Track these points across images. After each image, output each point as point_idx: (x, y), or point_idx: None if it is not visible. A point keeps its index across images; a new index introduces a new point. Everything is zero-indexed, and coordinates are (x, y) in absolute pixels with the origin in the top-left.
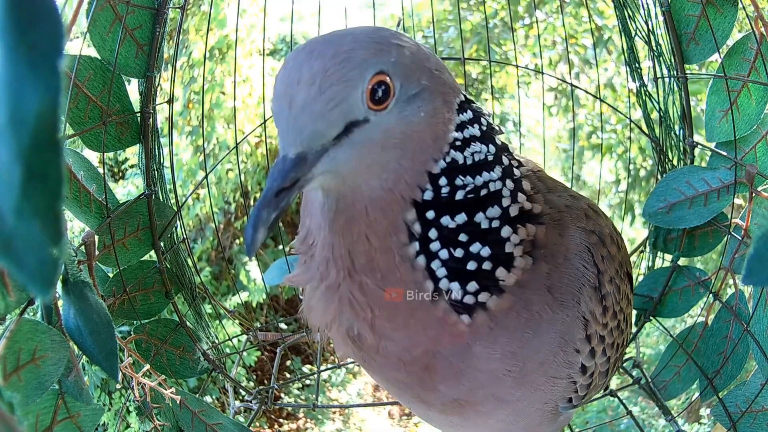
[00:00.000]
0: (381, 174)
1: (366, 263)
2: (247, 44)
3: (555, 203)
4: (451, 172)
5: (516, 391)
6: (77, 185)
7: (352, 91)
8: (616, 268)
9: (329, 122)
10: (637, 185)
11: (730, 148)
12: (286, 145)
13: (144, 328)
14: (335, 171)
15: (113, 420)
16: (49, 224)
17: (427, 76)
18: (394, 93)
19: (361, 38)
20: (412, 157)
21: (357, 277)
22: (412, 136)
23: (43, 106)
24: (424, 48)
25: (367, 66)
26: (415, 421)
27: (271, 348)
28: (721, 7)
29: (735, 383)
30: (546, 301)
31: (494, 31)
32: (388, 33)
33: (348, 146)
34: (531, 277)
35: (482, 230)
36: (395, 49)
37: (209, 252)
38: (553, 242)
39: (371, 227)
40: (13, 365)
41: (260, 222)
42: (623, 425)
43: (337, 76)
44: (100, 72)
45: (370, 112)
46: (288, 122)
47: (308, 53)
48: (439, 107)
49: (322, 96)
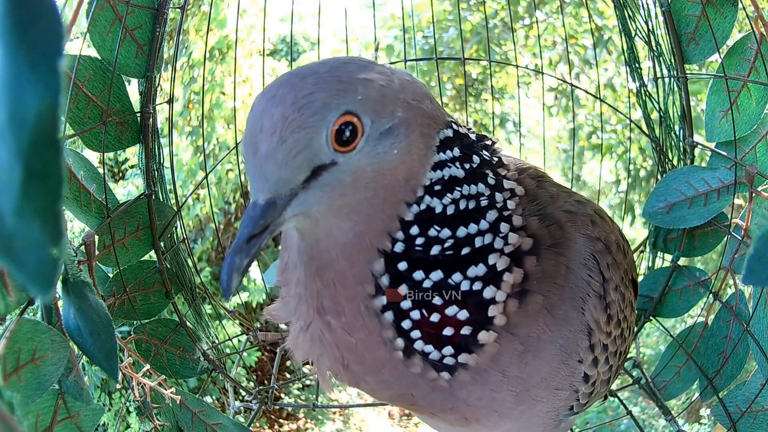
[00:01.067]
0: (352, 216)
1: (332, 306)
2: (247, 44)
3: (554, 217)
4: (426, 222)
5: (518, 406)
6: (77, 185)
7: (314, 137)
8: (622, 276)
9: (294, 169)
10: (637, 185)
11: (730, 148)
12: (255, 191)
13: (144, 328)
14: (306, 213)
15: (113, 420)
16: (49, 224)
17: (402, 108)
18: (363, 132)
19: (323, 78)
20: (384, 198)
21: (325, 317)
22: (385, 174)
23: (43, 106)
24: (400, 76)
25: (329, 109)
26: (416, 421)
27: (271, 348)
28: (721, 7)
29: (735, 383)
30: (546, 322)
31: (494, 31)
32: (355, 67)
33: (317, 189)
34: (521, 317)
35: (462, 292)
36: (361, 85)
37: (209, 252)
38: (549, 266)
39: (339, 275)
40: (13, 365)
41: (234, 268)
42: (623, 425)
43: (296, 123)
44: (100, 72)
45: (336, 154)
46: (255, 169)
47: (270, 99)
48: (414, 142)
49: (284, 145)
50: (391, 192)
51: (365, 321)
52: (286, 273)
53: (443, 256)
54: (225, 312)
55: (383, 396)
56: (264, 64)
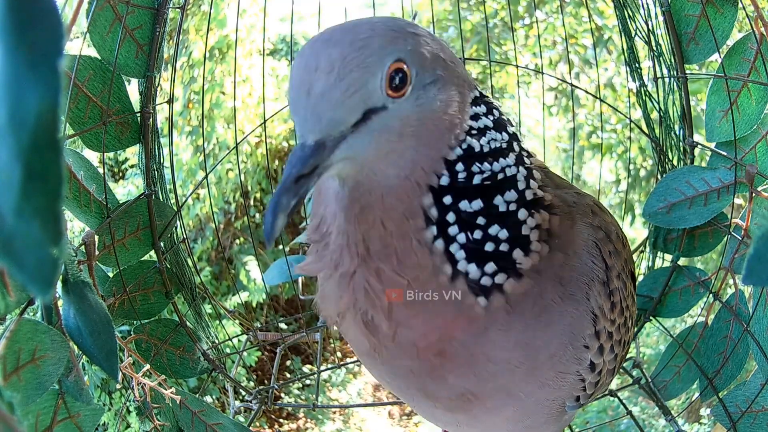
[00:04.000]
0: (398, 161)
1: (382, 249)
2: (247, 44)
3: (564, 198)
4: (468, 159)
5: (525, 385)
6: (77, 185)
7: (371, 78)
8: (622, 265)
9: (348, 109)
10: (637, 185)
11: (730, 148)
12: (304, 132)
13: (144, 328)
14: (353, 158)
15: (113, 420)
16: (49, 224)
17: (441, 67)
18: (410, 81)
19: (377, 26)
20: (428, 145)
21: (373, 263)
22: (428, 123)
23: (43, 106)
24: (438, 39)
25: (385, 53)
26: (415, 420)
27: (271, 348)
28: (721, 7)
29: (735, 383)
30: (558, 292)
31: (494, 31)
32: (404, 22)
33: (366, 133)
34: (546, 265)
35: (500, 213)
36: (411, 37)
37: (209, 252)
38: (565, 233)
39: (387, 213)
40: (13, 365)
41: (280, 208)
42: (623, 425)
43: (356, 62)
44: (100, 72)
45: (388, 99)
46: (306, 110)
47: (325, 41)
48: (453, 96)
49: (342, 82)
50: (436, 139)
51: (418, 256)
52: (322, 227)
53: (484, 184)
54: (225, 312)
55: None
56: (264, 64)
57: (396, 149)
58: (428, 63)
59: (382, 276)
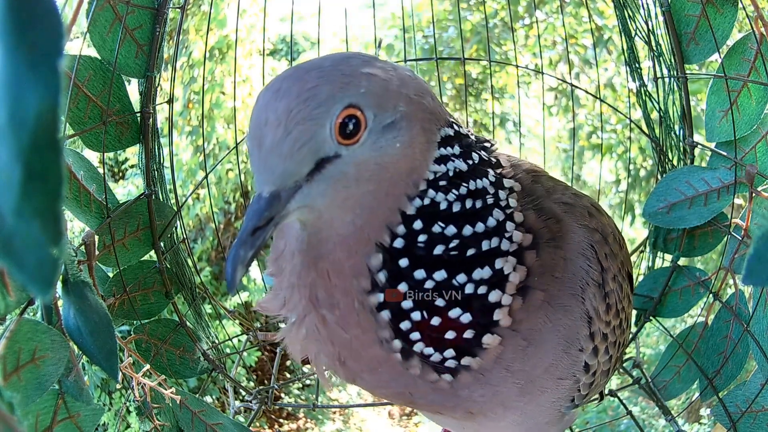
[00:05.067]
0: (354, 208)
1: (327, 298)
2: (247, 44)
3: (551, 210)
4: (430, 217)
5: (523, 397)
6: (77, 185)
7: (319, 129)
8: (618, 267)
9: (299, 161)
10: (637, 185)
11: (730, 148)
12: (260, 184)
13: (144, 328)
14: (310, 206)
15: (113, 420)
16: (49, 224)
17: (404, 102)
18: (366, 125)
19: (327, 72)
20: (387, 191)
21: (320, 310)
22: (388, 168)
23: (43, 106)
24: (401, 72)
25: (333, 102)
26: (415, 420)
27: (271, 348)
28: (721, 7)
29: (735, 383)
30: (546, 315)
31: (494, 31)
32: (358, 61)
33: (321, 181)
34: (524, 313)
35: (465, 295)
36: (365, 79)
37: (209, 252)
38: (548, 260)
39: (334, 266)
40: (13, 365)
41: (238, 261)
42: (623, 425)
43: (301, 115)
44: (100, 72)
45: (340, 147)
46: (260, 162)
47: (275, 92)
48: (416, 136)
49: (289, 137)
50: (393, 185)
51: (359, 318)
52: (281, 261)
53: (448, 256)
54: (225, 312)
55: (382, 393)
56: (264, 64)
57: (353, 195)
58: (388, 101)
59: (328, 325)
